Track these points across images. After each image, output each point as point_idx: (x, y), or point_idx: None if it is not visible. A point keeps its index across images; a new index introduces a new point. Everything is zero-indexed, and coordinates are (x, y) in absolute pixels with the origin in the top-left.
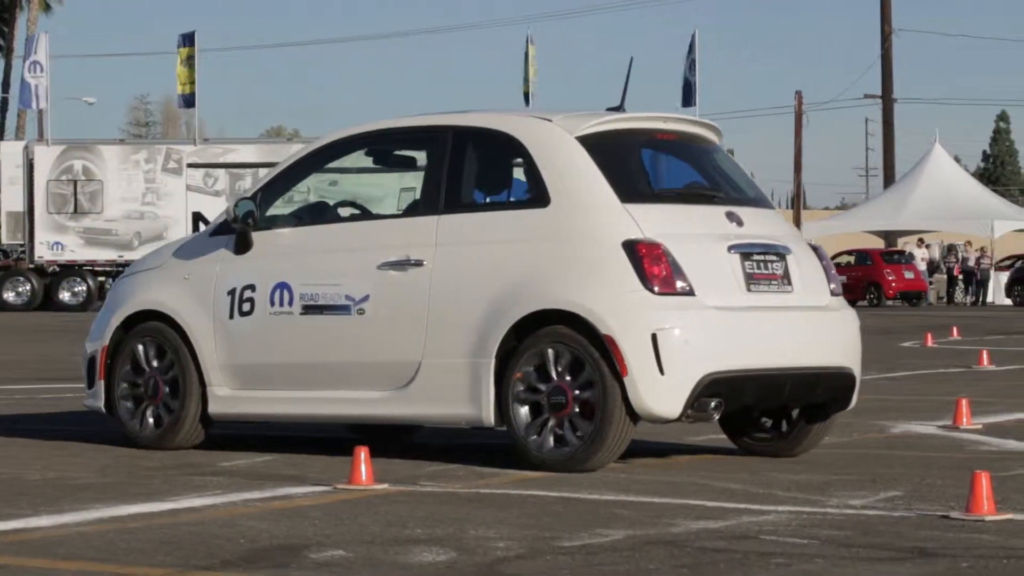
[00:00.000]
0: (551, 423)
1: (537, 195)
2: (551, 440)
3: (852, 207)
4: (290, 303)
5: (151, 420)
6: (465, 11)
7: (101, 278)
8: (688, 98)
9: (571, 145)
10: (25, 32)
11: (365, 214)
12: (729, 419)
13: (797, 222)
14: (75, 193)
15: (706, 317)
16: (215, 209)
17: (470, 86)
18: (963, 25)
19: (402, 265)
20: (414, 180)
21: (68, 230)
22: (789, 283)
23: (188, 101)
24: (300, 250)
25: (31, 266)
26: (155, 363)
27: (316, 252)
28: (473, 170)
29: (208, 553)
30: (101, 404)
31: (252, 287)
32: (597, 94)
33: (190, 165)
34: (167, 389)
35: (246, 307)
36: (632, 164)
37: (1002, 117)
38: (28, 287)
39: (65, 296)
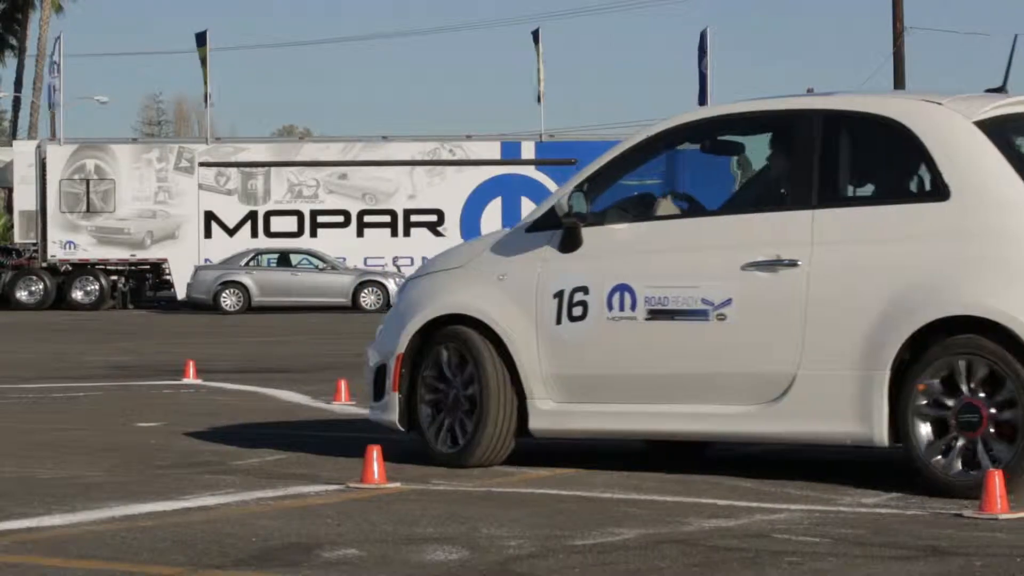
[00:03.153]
0: (959, 443)
1: (933, 188)
2: (959, 463)
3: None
4: (632, 307)
5: (456, 434)
6: (479, 10)
7: (113, 277)
8: (703, 96)
9: (971, 132)
10: (38, 31)
11: (712, 209)
12: None
13: None
14: (87, 192)
15: None
16: (227, 208)
17: (482, 85)
18: (975, 23)
19: (772, 265)
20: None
21: (80, 229)
22: None
23: (205, 100)
24: (641, 248)
25: (44, 265)
26: (461, 372)
27: (662, 251)
28: (849, 159)
29: (220, 552)
30: (395, 417)
31: (584, 289)
32: (607, 93)
33: (202, 164)
34: (476, 401)
35: (577, 311)
36: None
37: None
38: (41, 286)
39: (78, 295)
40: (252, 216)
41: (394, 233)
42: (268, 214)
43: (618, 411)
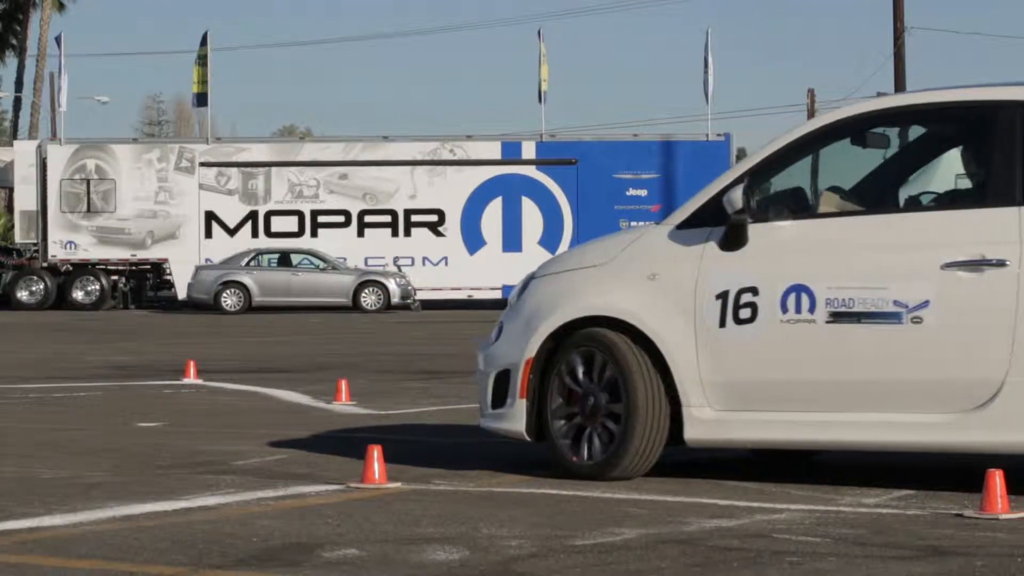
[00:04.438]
0: None
1: None
2: None
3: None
4: (811, 309)
5: (595, 444)
6: (480, 9)
7: (114, 277)
8: (704, 96)
9: None
10: (38, 31)
11: (900, 205)
12: None
13: None
14: (88, 192)
15: None
16: (228, 208)
17: (483, 85)
18: (976, 23)
19: (976, 265)
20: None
21: (81, 229)
22: None
23: (201, 100)
24: (818, 246)
25: (44, 265)
26: (602, 378)
27: (844, 249)
28: None
29: (221, 552)
30: (521, 427)
31: (753, 290)
32: (608, 93)
33: (203, 164)
34: (623, 409)
35: (745, 314)
36: None
37: None
38: (41, 286)
39: (78, 295)
40: (253, 216)
41: (395, 233)
42: (269, 214)
43: (790, 420)
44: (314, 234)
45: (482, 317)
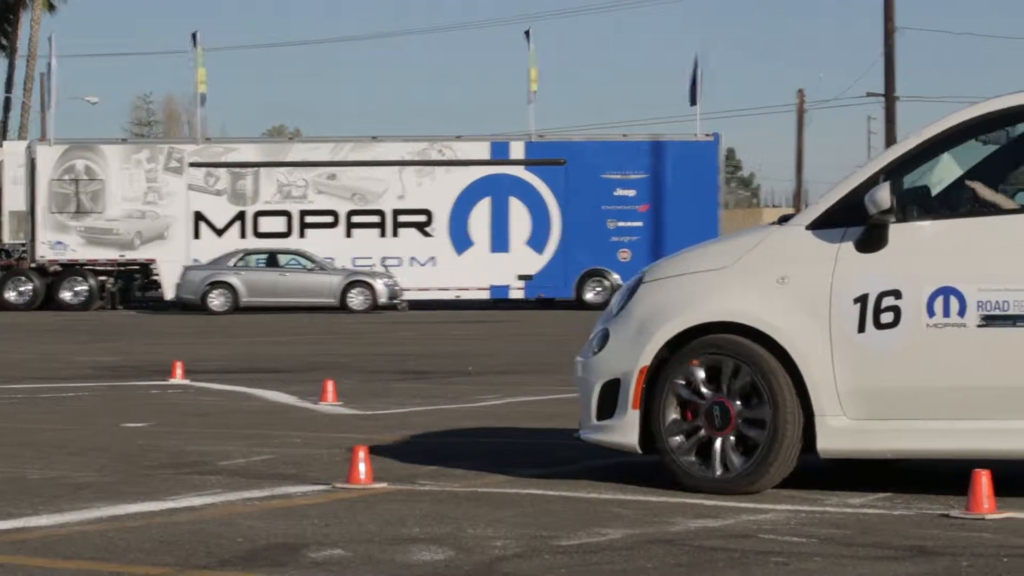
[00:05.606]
0: None
1: None
2: None
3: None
4: (961, 313)
5: (734, 458)
6: (470, 10)
7: (102, 277)
8: (693, 96)
9: None
10: (29, 31)
11: None
12: None
13: None
14: (77, 192)
15: None
16: (216, 208)
17: (472, 85)
18: (966, 23)
19: None
20: None
21: (70, 229)
22: None
23: (203, 100)
24: (966, 247)
25: (33, 265)
26: (727, 387)
27: (996, 250)
28: None
29: (207, 552)
30: (635, 440)
31: (896, 293)
32: (597, 93)
33: (192, 164)
34: (741, 421)
35: (886, 318)
36: None
37: None
38: (30, 286)
39: (67, 295)
40: (241, 216)
41: (383, 233)
42: (257, 214)
43: (935, 429)
44: (302, 234)
45: (469, 318)
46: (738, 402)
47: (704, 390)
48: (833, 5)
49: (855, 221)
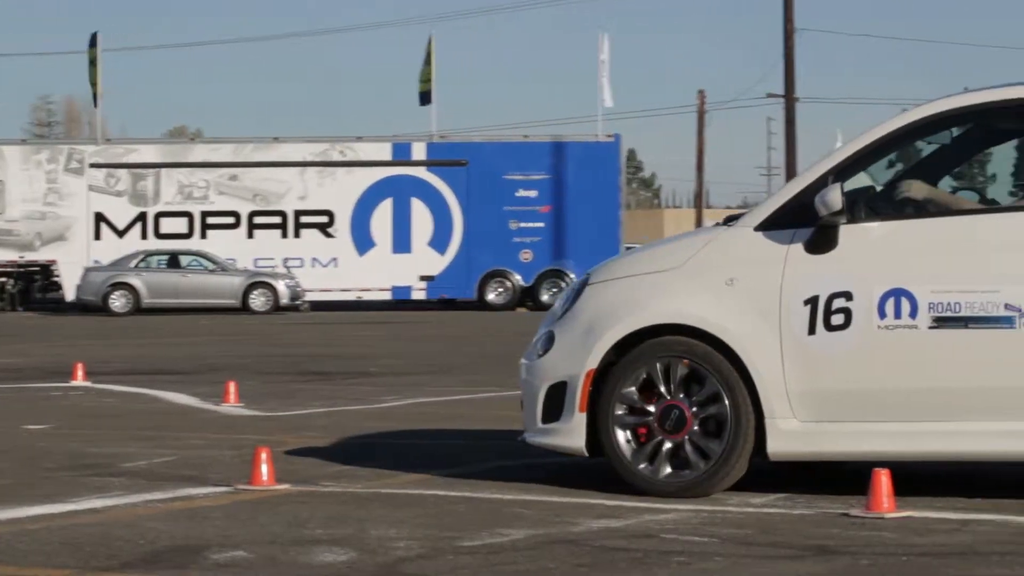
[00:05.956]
0: None
1: None
2: None
3: (754, 206)
4: (912, 314)
5: (692, 461)
6: (372, 11)
7: (2, 279)
8: (602, 95)
9: None
10: None
11: (996, 203)
12: None
13: (699, 221)
14: None
15: None
16: (117, 209)
17: (375, 86)
18: (865, 25)
19: None
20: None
21: None
22: None
23: (95, 101)
24: (919, 248)
25: None
26: (678, 389)
27: (947, 251)
28: None
29: (108, 554)
30: (581, 443)
31: (846, 295)
32: (499, 93)
33: (92, 165)
34: (696, 425)
35: (837, 319)
36: None
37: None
38: None
39: None
40: (142, 217)
41: (284, 234)
42: (158, 215)
43: (886, 431)
44: (203, 235)
45: (372, 318)
46: (694, 406)
47: (655, 393)
48: (734, 6)
49: (804, 222)
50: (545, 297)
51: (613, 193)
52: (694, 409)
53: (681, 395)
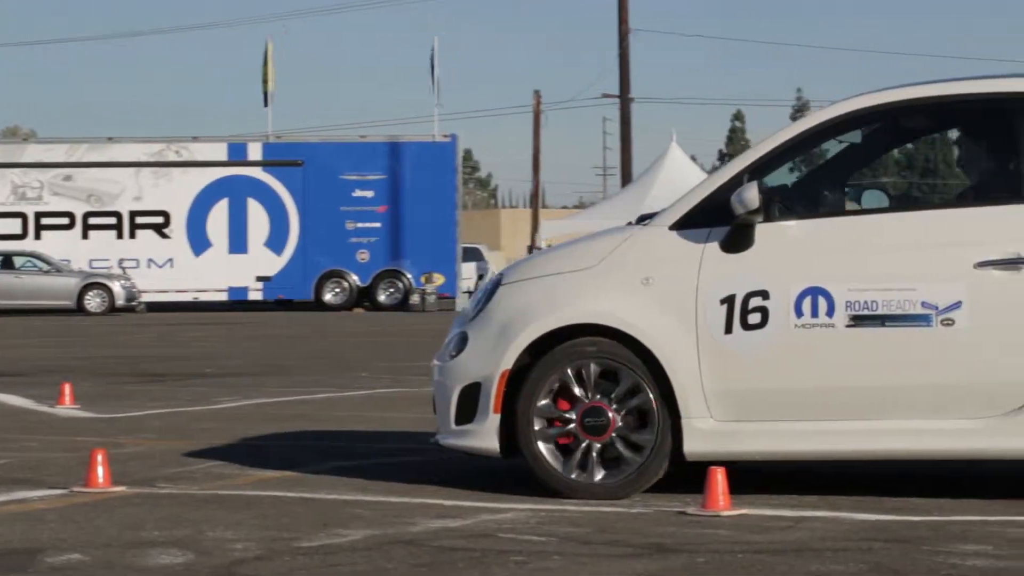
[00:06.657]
0: None
1: None
2: None
3: (590, 206)
4: (829, 313)
5: (614, 462)
6: (208, 11)
7: None
8: (435, 93)
9: None
10: None
11: (912, 201)
12: None
13: (535, 221)
14: None
15: None
16: None
17: (210, 86)
18: (699, 25)
19: (1013, 264)
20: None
21: None
22: None
23: None
24: (835, 246)
25: None
26: (600, 391)
27: (864, 249)
28: None
29: None
30: (495, 444)
31: (763, 294)
32: (335, 94)
33: None
34: (620, 423)
35: (754, 318)
36: None
37: (737, 116)
38: None
39: None
40: None
41: (120, 235)
42: None
43: (804, 430)
44: (37, 236)
45: (208, 319)
46: (614, 403)
47: (571, 394)
48: (573, 8)
49: (720, 221)
50: (382, 297)
51: (450, 193)
52: (615, 406)
53: (599, 395)
